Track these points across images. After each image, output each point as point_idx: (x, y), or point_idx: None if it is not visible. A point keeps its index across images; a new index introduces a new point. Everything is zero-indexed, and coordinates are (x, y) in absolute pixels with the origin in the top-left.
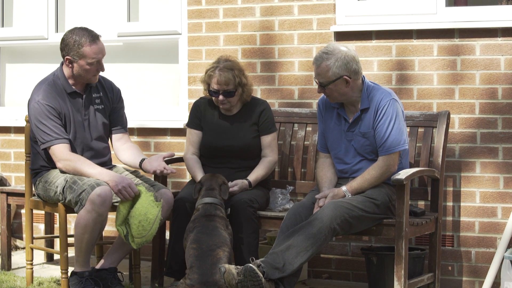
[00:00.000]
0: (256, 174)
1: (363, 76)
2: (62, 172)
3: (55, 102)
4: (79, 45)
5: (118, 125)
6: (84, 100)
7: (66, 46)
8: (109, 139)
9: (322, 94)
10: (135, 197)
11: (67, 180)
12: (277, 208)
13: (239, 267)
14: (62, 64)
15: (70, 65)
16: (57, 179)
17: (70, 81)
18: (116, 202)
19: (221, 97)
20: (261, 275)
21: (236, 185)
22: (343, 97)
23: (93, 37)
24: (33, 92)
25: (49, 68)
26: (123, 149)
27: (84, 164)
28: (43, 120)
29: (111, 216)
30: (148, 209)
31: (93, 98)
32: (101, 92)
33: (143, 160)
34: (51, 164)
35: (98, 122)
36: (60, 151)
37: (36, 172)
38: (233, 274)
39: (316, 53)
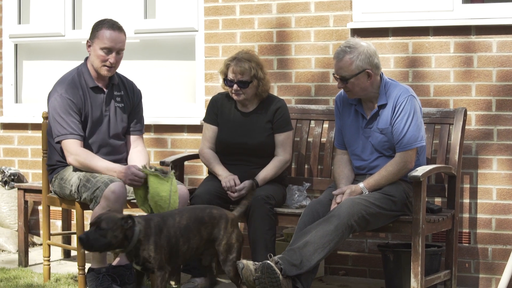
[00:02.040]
0: (264, 173)
1: (382, 72)
2: (75, 169)
3: (77, 97)
4: (97, 27)
5: (135, 127)
6: (105, 96)
7: (91, 30)
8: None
9: (340, 91)
10: (145, 180)
11: (80, 179)
12: (294, 204)
13: (257, 263)
14: (86, 59)
15: (89, 50)
16: (71, 178)
17: (93, 76)
18: (133, 199)
19: (235, 86)
20: (279, 271)
21: (244, 187)
22: (363, 92)
23: (113, 25)
24: (56, 84)
25: (66, 65)
26: (133, 152)
27: (92, 159)
28: (62, 114)
29: (135, 213)
30: (159, 187)
31: (115, 96)
32: (123, 91)
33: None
34: (60, 160)
35: (117, 120)
36: (71, 146)
37: (52, 169)
38: (251, 270)
39: (336, 48)
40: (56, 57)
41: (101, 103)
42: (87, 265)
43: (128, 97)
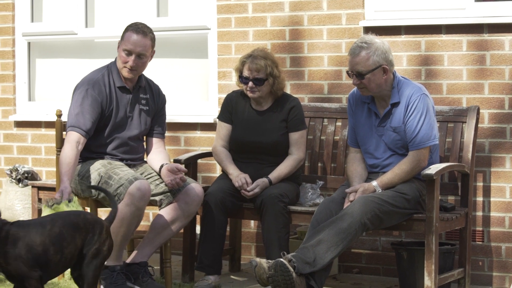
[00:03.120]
0: (278, 172)
1: (394, 70)
2: (94, 166)
3: (102, 95)
4: (126, 29)
5: (157, 130)
6: (131, 98)
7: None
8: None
9: (352, 90)
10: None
11: (101, 176)
12: (307, 202)
13: (270, 261)
14: (117, 58)
15: (118, 49)
16: (90, 174)
17: (122, 76)
18: (153, 197)
19: (250, 83)
20: (292, 269)
21: (257, 185)
22: (378, 89)
23: (138, 29)
24: (84, 79)
25: (78, 63)
26: (154, 153)
27: (64, 162)
28: (80, 107)
29: (147, 211)
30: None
31: (140, 98)
32: (149, 94)
33: (162, 166)
34: (83, 155)
35: (140, 122)
36: (71, 138)
37: None
38: (264, 269)
39: (349, 47)
40: (69, 55)
41: (126, 103)
42: None
43: (154, 101)
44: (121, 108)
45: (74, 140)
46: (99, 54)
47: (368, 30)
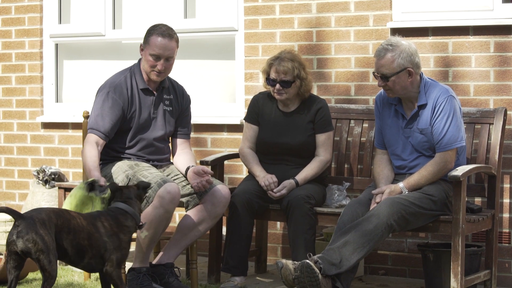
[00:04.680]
0: (305, 173)
1: (421, 72)
2: (122, 167)
3: (123, 98)
4: (150, 32)
5: (182, 131)
6: (155, 99)
7: (145, 34)
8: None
9: (379, 91)
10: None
11: (129, 178)
12: (333, 204)
13: (296, 262)
14: (140, 60)
15: (141, 53)
16: (117, 175)
17: (145, 78)
18: (182, 197)
19: (278, 85)
20: (318, 271)
21: (284, 187)
22: (404, 91)
23: (164, 33)
24: (107, 82)
25: (106, 64)
26: (179, 154)
27: (89, 158)
28: (101, 109)
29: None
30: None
31: (164, 99)
32: (172, 95)
33: (188, 168)
34: (110, 155)
35: (165, 123)
36: (90, 139)
37: None
38: (290, 270)
39: (375, 48)
40: (96, 56)
41: (150, 105)
42: (128, 265)
43: (177, 101)
44: (144, 110)
45: (93, 141)
46: (126, 56)
47: (395, 31)
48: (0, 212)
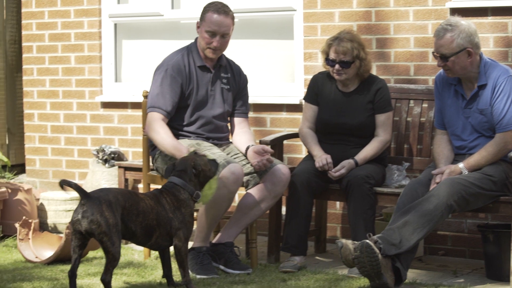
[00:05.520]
0: (364, 153)
1: (481, 52)
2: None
3: (182, 75)
4: (205, 9)
5: (240, 109)
6: (212, 76)
7: (201, 11)
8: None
9: (439, 71)
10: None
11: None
12: (393, 184)
13: (356, 242)
14: (196, 38)
15: (198, 30)
16: None
17: (202, 55)
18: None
19: (337, 66)
20: (378, 251)
21: (343, 167)
22: (463, 71)
23: (219, 9)
24: (165, 60)
25: (164, 44)
26: (238, 133)
27: (163, 135)
28: (160, 88)
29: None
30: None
31: (221, 77)
32: (230, 74)
33: (248, 147)
34: None
35: (223, 100)
36: (155, 117)
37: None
38: (350, 250)
39: (435, 28)
40: (155, 36)
41: (208, 82)
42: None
43: (235, 80)
44: (202, 87)
45: (159, 118)
46: (185, 35)
47: (454, 11)
48: (69, 187)
